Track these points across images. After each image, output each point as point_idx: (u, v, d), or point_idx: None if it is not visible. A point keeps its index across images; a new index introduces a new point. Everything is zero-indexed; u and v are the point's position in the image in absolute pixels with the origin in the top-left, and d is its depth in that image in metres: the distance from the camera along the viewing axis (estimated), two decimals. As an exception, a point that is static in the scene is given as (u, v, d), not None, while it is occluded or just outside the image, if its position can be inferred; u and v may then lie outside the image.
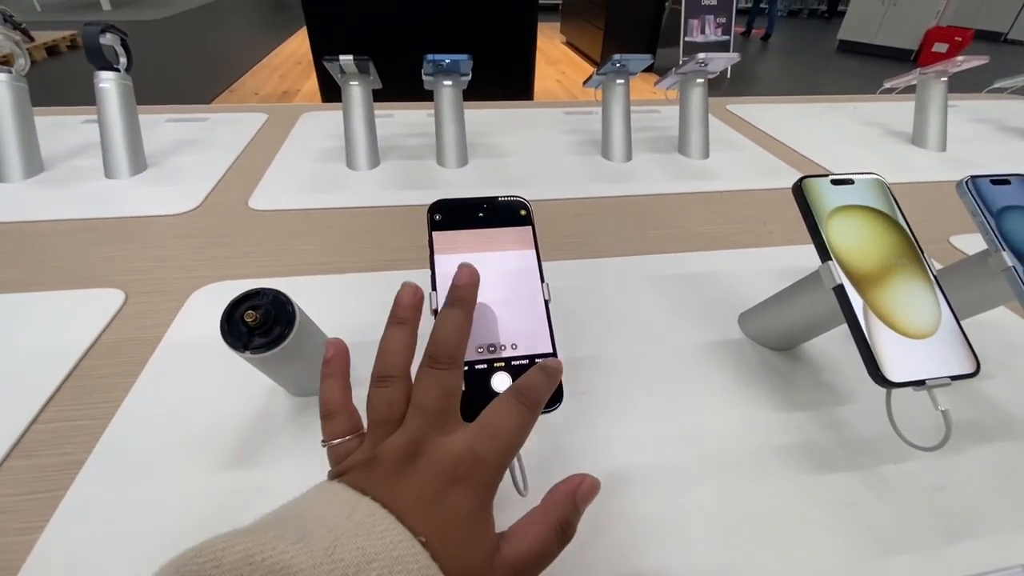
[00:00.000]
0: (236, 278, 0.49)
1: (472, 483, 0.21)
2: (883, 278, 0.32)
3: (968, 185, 0.37)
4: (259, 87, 3.68)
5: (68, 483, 0.31)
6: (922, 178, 0.75)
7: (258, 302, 0.29)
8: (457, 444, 0.22)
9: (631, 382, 0.39)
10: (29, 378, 0.38)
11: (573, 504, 0.23)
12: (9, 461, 0.32)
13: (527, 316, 0.29)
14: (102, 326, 0.43)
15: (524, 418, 0.23)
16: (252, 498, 0.31)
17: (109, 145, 0.65)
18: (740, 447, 0.35)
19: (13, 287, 0.47)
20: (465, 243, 0.30)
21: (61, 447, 0.33)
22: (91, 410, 0.36)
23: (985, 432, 0.36)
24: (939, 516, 0.31)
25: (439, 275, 0.29)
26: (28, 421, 0.35)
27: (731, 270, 0.52)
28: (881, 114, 1.00)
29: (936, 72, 0.81)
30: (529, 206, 0.33)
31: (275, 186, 0.66)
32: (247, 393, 0.37)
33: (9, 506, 0.30)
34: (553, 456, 0.34)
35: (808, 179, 0.35)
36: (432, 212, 0.31)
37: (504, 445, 0.22)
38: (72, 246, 0.53)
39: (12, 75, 0.64)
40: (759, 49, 5.35)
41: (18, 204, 0.60)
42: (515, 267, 0.30)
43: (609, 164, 0.75)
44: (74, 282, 0.48)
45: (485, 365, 0.27)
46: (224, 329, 0.28)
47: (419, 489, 0.20)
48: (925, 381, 0.29)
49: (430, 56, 0.66)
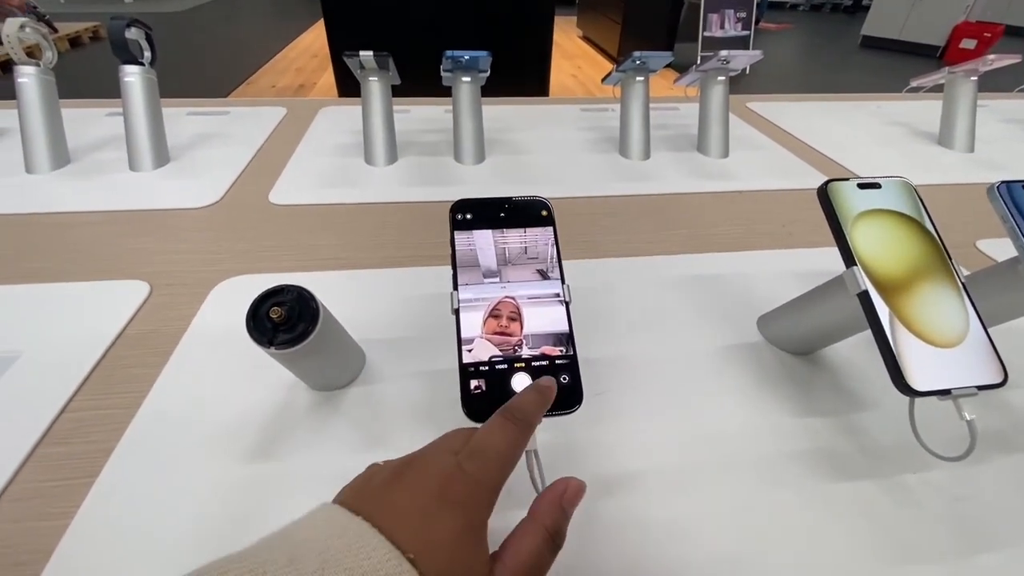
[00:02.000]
0: (257, 272, 0.50)
1: (461, 502, 0.20)
2: (909, 284, 0.31)
3: (1000, 190, 0.36)
4: (276, 80, 3.70)
5: (98, 470, 0.32)
6: (949, 180, 0.73)
7: (283, 298, 0.29)
8: (446, 462, 0.22)
9: (647, 383, 0.39)
10: (59, 367, 0.39)
11: (561, 510, 0.23)
12: (41, 448, 0.33)
13: (547, 317, 0.29)
14: (128, 317, 0.44)
15: (514, 438, 0.23)
16: (272, 489, 0.31)
17: (133, 138, 0.67)
18: (756, 451, 0.34)
19: (43, 277, 0.48)
20: (486, 243, 0.30)
21: (90, 435, 0.34)
22: (118, 399, 0.37)
23: (1009, 442, 0.36)
24: (959, 527, 0.31)
25: (461, 272, 0.30)
26: (59, 409, 0.36)
27: (750, 272, 0.52)
28: (907, 113, 0.97)
29: (965, 71, 0.79)
30: (550, 206, 0.33)
31: (294, 181, 0.67)
32: (268, 386, 0.37)
33: (43, 491, 0.31)
34: (569, 456, 0.34)
35: (834, 182, 0.34)
36: (454, 212, 0.31)
37: (494, 464, 0.22)
38: (98, 237, 0.54)
39: (40, 68, 0.65)
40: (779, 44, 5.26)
41: (46, 195, 0.61)
42: (536, 267, 0.30)
43: (627, 162, 0.75)
44: (101, 273, 0.49)
45: (505, 365, 0.27)
46: (250, 325, 0.28)
47: (407, 505, 0.20)
48: (951, 390, 0.29)
49: (449, 52, 0.66)
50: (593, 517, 0.30)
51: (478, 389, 0.27)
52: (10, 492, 0.31)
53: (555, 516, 0.23)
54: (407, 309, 0.45)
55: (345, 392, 0.37)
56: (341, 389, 0.37)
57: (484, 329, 0.28)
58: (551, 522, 0.22)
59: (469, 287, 0.29)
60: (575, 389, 0.28)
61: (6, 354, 0.39)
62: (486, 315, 0.29)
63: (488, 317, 0.29)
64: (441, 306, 0.44)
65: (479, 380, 0.27)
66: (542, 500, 0.23)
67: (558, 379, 0.27)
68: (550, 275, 0.30)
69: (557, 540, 0.22)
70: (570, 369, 0.28)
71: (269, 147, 0.76)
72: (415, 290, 0.48)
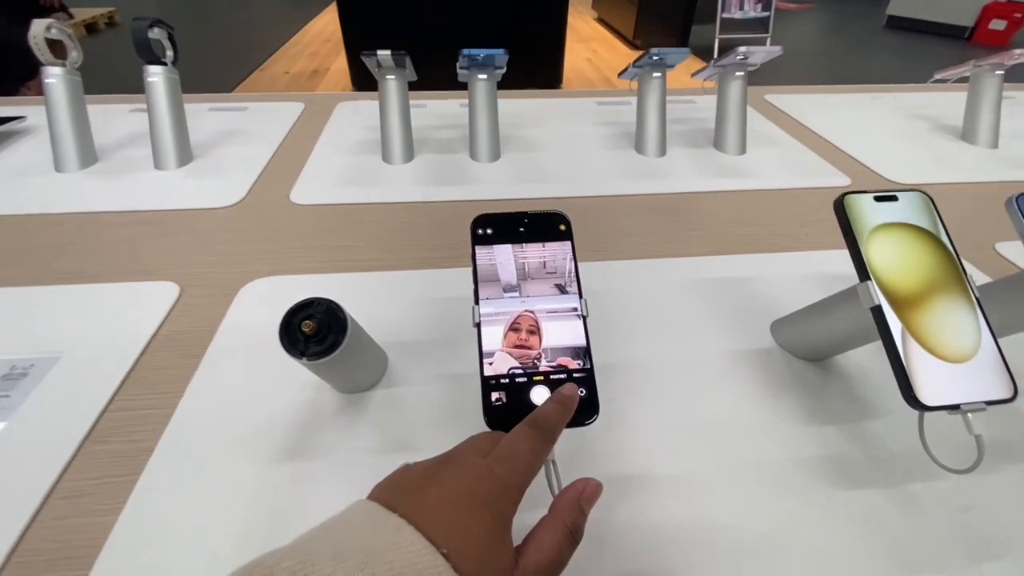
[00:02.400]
0: (281, 273, 0.51)
1: (490, 501, 0.22)
2: (923, 299, 0.32)
3: (1018, 202, 0.36)
4: (289, 66, 3.70)
5: (140, 468, 0.34)
6: (970, 178, 0.72)
7: (313, 311, 0.30)
8: (478, 464, 0.23)
9: (660, 388, 0.40)
10: (98, 368, 0.41)
11: (579, 509, 0.25)
12: (86, 446, 0.35)
13: (566, 331, 0.30)
14: (161, 318, 0.45)
15: (538, 446, 0.25)
16: (304, 487, 0.33)
17: (158, 137, 0.68)
18: (766, 457, 0.36)
19: (79, 278, 0.50)
20: (506, 258, 0.31)
21: (131, 434, 0.36)
22: (156, 399, 0.39)
23: (1019, 453, 0.36)
24: (965, 537, 0.32)
25: (482, 287, 0.31)
26: (101, 409, 0.38)
27: (765, 275, 0.52)
28: (930, 105, 0.96)
29: (991, 64, 0.77)
30: (568, 220, 0.33)
31: (314, 180, 0.68)
32: (295, 388, 0.39)
33: (90, 488, 0.33)
34: (580, 460, 0.35)
35: (850, 195, 0.35)
36: (475, 227, 0.32)
37: (521, 468, 0.24)
38: (127, 238, 0.56)
39: (67, 68, 0.67)
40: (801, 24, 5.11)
41: (77, 195, 0.63)
42: (555, 282, 0.31)
43: (643, 159, 0.75)
44: (132, 274, 0.51)
45: (525, 378, 0.29)
46: (283, 337, 0.30)
47: (440, 503, 0.21)
48: (960, 405, 0.29)
49: (465, 51, 0.66)
50: (604, 518, 0.32)
51: (499, 401, 0.28)
52: (59, 490, 0.33)
53: (574, 514, 0.24)
54: (427, 311, 0.47)
55: (370, 394, 0.39)
56: (366, 391, 0.39)
57: (504, 342, 0.29)
58: (570, 520, 0.24)
59: (490, 301, 0.30)
60: (592, 401, 0.29)
61: (49, 355, 0.42)
62: (506, 329, 0.30)
63: (508, 331, 0.30)
64: (459, 309, 0.46)
65: (500, 392, 0.28)
66: (562, 499, 0.25)
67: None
68: (568, 289, 0.31)
69: (576, 536, 0.24)
70: (587, 382, 0.29)
71: (288, 144, 0.78)
72: (434, 292, 0.49)
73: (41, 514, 0.32)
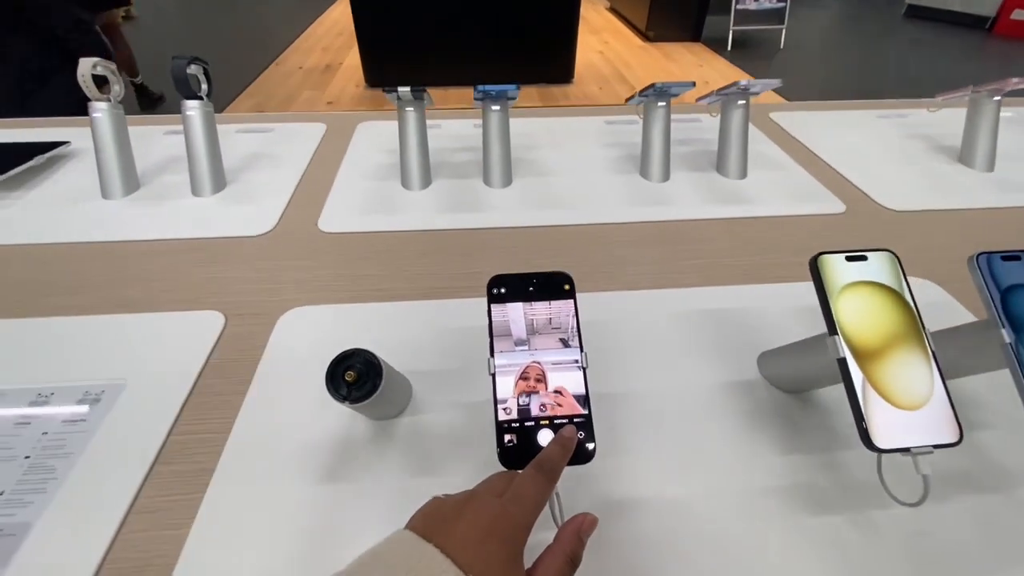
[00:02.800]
0: (314, 303, 0.57)
1: (507, 537, 0.27)
2: (883, 352, 0.36)
3: (979, 261, 0.40)
4: (303, 60, 3.74)
5: (203, 487, 0.40)
6: (965, 204, 0.75)
7: (353, 362, 0.36)
8: (496, 504, 0.29)
9: (650, 417, 0.45)
10: (161, 394, 0.47)
11: (579, 539, 0.30)
12: (156, 467, 0.41)
13: (567, 380, 0.35)
14: (210, 347, 0.51)
15: (543, 487, 0.30)
16: (347, 505, 0.38)
17: (195, 167, 0.74)
18: (742, 484, 0.40)
19: (134, 307, 0.56)
20: (517, 315, 0.36)
21: (192, 456, 0.42)
22: (212, 424, 0.44)
23: (974, 482, 0.41)
24: (920, 560, 0.36)
25: (497, 341, 0.36)
26: (165, 433, 0.44)
27: (756, 307, 0.56)
28: (932, 123, 0.98)
29: (989, 90, 0.80)
30: (572, 280, 0.38)
31: (340, 206, 0.73)
32: (332, 415, 0.44)
33: (161, 505, 0.39)
34: (580, 481, 0.40)
35: (823, 255, 0.39)
36: (491, 287, 0.37)
37: (529, 507, 0.29)
38: (173, 266, 0.62)
39: (111, 103, 0.72)
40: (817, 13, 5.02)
41: (123, 223, 0.69)
42: (559, 336, 0.36)
43: (646, 184, 0.79)
44: (181, 303, 0.57)
45: (533, 423, 0.34)
46: (329, 385, 0.35)
47: (466, 537, 0.26)
48: (911, 449, 0.34)
49: (480, 87, 0.70)
50: (599, 536, 0.36)
51: (511, 442, 0.33)
52: (137, 506, 0.39)
53: (574, 543, 0.30)
54: (446, 341, 0.52)
55: (397, 422, 0.44)
56: (394, 419, 0.44)
57: (515, 390, 0.34)
58: (571, 548, 0.29)
59: (503, 354, 0.35)
60: (590, 442, 0.34)
61: (116, 382, 0.47)
62: (516, 378, 0.35)
63: (518, 379, 0.35)
64: (475, 339, 0.51)
65: (511, 435, 0.33)
66: (565, 530, 0.30)
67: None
68: (571, 343, 0.36)
69: (575, 561, 0.29)
70: (586, 427, 0.34)
71: (313, 168, 0.83)
72: (452, 322, 0.54)
73: (124, 527, 0.38)
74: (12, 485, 0.39)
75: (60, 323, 0.54)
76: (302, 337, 0.52)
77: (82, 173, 0.79)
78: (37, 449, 0.42)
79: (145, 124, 0.94)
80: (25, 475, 0.40)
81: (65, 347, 0.51)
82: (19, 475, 0.40)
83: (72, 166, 0.82)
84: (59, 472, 0.40)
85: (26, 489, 0.39)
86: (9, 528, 0.37)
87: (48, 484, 0.40)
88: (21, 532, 0.37)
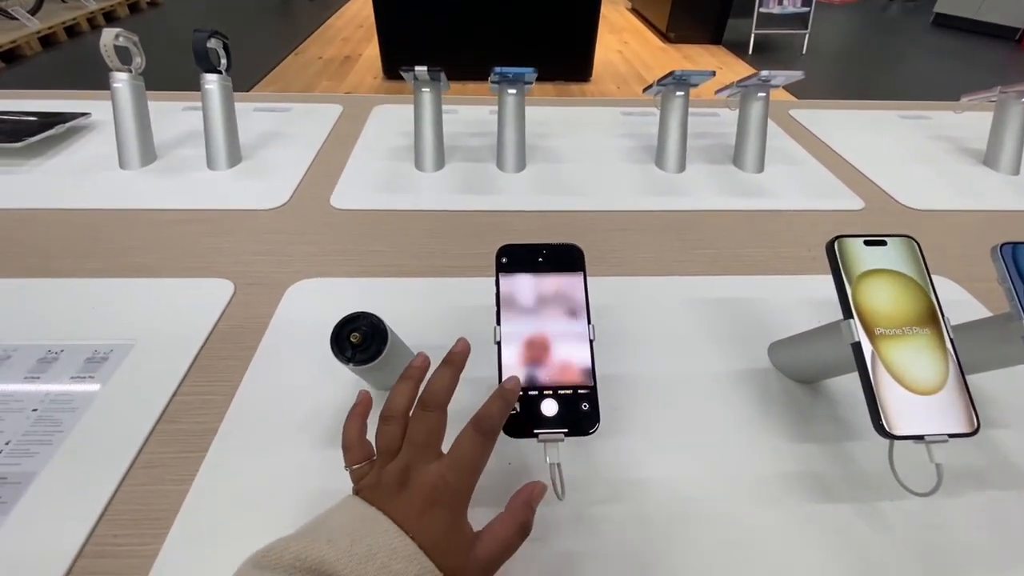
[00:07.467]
0: (323, 276, 0.57)
1: (446, 503, 0.28)
2: (900, 338, 0.35)
3: (1003, 251, 0.39)
4: (322, 51, 3.77)
5: (206, 446, 0.40)
6: (986, 205, 0.73)
7: (359, 325, 0.36)
8: (433, 473, 0.29)
9: (659, 401, 0.44)
10: (167, 356, 0.47)
11: (529, 507, 0.30)
12: (161, 425, 0.42)
13: (574, 352, 0.34)
14: (219, 313, 0.51)
15: (481, 448, 0.30)
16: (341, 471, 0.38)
17: (211, 140, 0.74)
18: (751, 472, 0.40)
19: (145, 272, 0.56)
20: (525, 284, 0.36)
21: (197, 417, 0.42)
22: (217, 387, 0.45)
23: (984, 480, 0.40)
24: (929, 554, 0.35)
25: (503, 310, 0.35)
26: (171, 393, 0.44)
27: (768, 297, 0.55)
28: (957, 125, 0.96)
29: (1017, 92, 0.78)
30: (582, 253, 0.37)
31: (352, 184, 0.73)
32: (337, 383, 0.44)
33: (165, 461, 0.39)
34: (583, 461, 0.40)
35: (842, 239, 0.38)
36: (499, 256, 0.37)
37: (467, 471, 0.29)
38: (186, 235, 0.62)
39: (132, 75, 0.73)
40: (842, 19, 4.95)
41: (139, 193, 0.70)
42: (567, 308, 0.35)
43: (662, 174, 0.78)
44: (192, 270, 0.57)
45: (536, 392, 0.33)
46: (333, 346, 0.35)
47: (409, 506, 0.28)
48: (924, 436, 0.33)
49: (497, 69, 0.70)
50: (603, 514, 0.36)
51: (514, 410, 0.33)
52: (140, 460, 0.39)
53: (525, 511, 0.30)
54: (453, 318, 0.52)
55: (400, 393, 0.44)
56: (396, 390, 0.44)
57: (520, 359, 0.34)
58: (522, 516, 0.30)
59: (510, 323, 0.35)
60: (594, 413, 0.33)
61: (124, 342, 0.48)
62: (522, 347, 0.34)
63: (524, 349, 0.34)
64: (482, 316, 0.50)
65: (515, 403, 0.33)
66: (515, 499, 0.31)
67: (579, 406, 0.33)
68: (578, 315, 0.35)
69: (526, 529, 0.30)
70: (590, 398, 0.33)
71: (328, 147, 0.83)
72: (460, 300, 0.54)
73: (126, 480, 0.38)
74: (19, 436, 0.40)
75: (72, 284, 0.54)
76: (309, 308, 0.52)
77: (100, 144, 0.80)
78: (45, 403, 0.42)
79: (165, 100, 0.95)
80: (32, 427, 0.40)
81: (76, 308, 0.51)
82: (27, 427, 0.40)
83: (91, 137, 0.83)
84: (65, 425, 0.41)
85: (32, 440, 0.40)
86: (13, 476, 0.37)
87: (54, 436, 0.40)
88: (26, 480, 0.37)
